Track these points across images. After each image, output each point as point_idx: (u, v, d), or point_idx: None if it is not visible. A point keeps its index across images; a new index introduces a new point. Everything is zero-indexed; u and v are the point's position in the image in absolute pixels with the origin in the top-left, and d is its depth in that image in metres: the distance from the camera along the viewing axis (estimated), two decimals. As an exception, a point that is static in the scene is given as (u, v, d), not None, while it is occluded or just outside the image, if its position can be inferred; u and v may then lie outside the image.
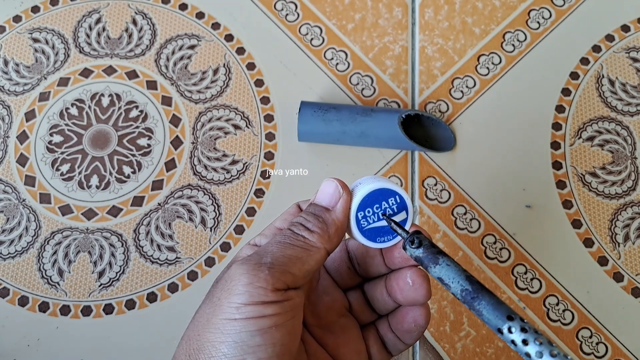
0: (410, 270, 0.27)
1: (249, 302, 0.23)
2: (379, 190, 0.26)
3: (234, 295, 0.23)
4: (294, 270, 0.24)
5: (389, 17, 0.49)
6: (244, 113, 0.46)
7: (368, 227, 0.27)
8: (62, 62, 0.48)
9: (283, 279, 0.24)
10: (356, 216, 0.26)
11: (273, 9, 0.49)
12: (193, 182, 0.45)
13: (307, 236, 0.26)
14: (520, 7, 0.49)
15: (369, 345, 0.29)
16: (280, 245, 0.25)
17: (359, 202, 0.26)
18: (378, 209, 0.27)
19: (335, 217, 0.26)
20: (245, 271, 0.24)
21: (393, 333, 0.29)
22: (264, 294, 0.23)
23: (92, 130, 0.46)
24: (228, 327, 0.23)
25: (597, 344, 0.41)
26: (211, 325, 0.23)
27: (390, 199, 0.27)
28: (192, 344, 0.23)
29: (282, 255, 0.25)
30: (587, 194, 0.44)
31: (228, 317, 0.23)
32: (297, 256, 0.25)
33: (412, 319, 0.28)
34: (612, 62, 0.47)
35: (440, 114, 0.46)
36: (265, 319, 0.23)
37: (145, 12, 0.49)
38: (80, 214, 0.44)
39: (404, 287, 0.27)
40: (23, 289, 0.42)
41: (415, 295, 0.27)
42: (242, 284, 0.23)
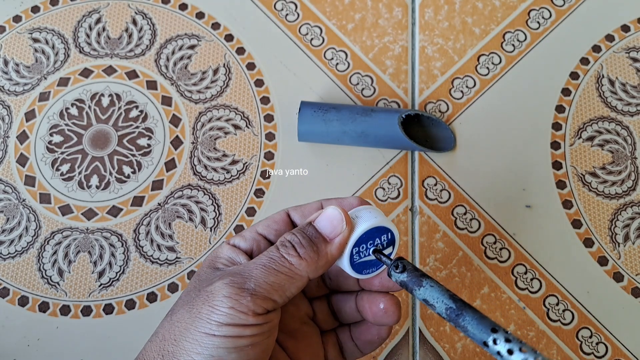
0: (385, 297, 0.28)
1: (229, 323, 0.24)
2: (376, 228, 0.27)
3: (215, 314, 0.24)
4: (275, 297, 0.25)
5: (389, 17, 0.49)
6: (244, 113, 0.46)
7: (359, 262, 0.27)
8: (62, 62, 0.48)
9: (264, 305, 0.25)
10: (351, 252, 0.27)
11: (273, 9, 0.49)
12: (193, 182, 0.45)
13: (295, 263, 0.26)
14: (520, 7, 0.49)
15: (327, 350, 0.31)
16: (265, 270, 0.26)
17: (356, 238, 0.27)
18: (371, 245, 0.27)
19: (330, 251, 0.27)
20: (229, 294, 0.25)
21: (353, 342, 0.31)
22: (244, 318, 0.24)
23: (92, 130, 0.46)
24: (206, 341, 0.24)
25: (597, 344, 0.41)
26: (189, 335, 0.24)
27: (384, 235, 0.28)
28: (167, 346, 0.25)
29: (265, 282, 0.25)
30: (587, 194, 0.44)
31: (207, 332, 0.24)
32: (279, 283, 0.25)
33: (377, 332, 0.30)
34: (612, 62, 0.47)
35: (440, 114, 0.46)
36: (243, 339, 0.24)
37: (145, 12, 0.49)
38: (80, 214, 0.44)
39: (377, 312, 0.28)
40: (23, 289, 0.42)
41: (386, 321, 0.28)
42: (225, 307, 0.24)
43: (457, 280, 0.43)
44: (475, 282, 0.43)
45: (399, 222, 0.44)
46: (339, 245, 0.27)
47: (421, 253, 0.43)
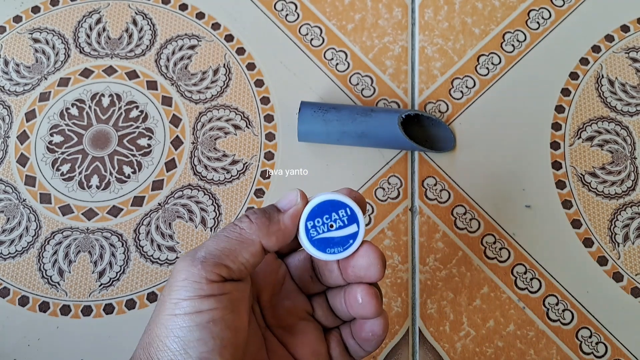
0: (360, 287, 0.28)
1: (185, 298, 0.24)
2: (329, 201, 0.27)
3: (173, 291, 0.24)
4: (227, 262, 0.25)
5: (389, 17, 0.49)
6: (244, 113, 0.46)
7: (317, 237, 0.27)
8: (62, 62, 0.48)
9: (216, 271, 0.25)
10: (305, 225, 0.27)
11: (273, 9, 0.49)
12: (193, 182, 0.45)
13: (245, 227, 0.26)
14: (520, 7, 0.49)
15: (330, 348, 0.30)
16: (216, 238, 0.26)
17: (308, 211, 0.27)
18: (328, 219, 0.27)
19: (282, 220, 0.27)
20: (182, 267, 0.25)
21: (354, 339, 0.30)
22: (198, 287, 0.24)
23: (92, 130, 0.46)
24: (170, 323, 0.24)
25: (597, 344, 0.41)
26: (158, 321, 0.24)
27: (341, 210, 0.27)
28: (145, 337, 0.25)
29: (215, 248, 0.25)
30: (587, 194, 0.44)
31: (170, 313, 0.24)
32: (230, 248, 0.25)
33: (370, 328, 0.29)
34: (612, 62, 0.48)
35: (440, 114, 0.46)
36: (202, 314, 0.24)
37: (146, 13, 0.49)
38: (80, 214, 0.44)
39: (353, 303, 0.28)
40: (23, 288, 0.43)
41: (364, 312, 0.28)
42: (180, 280, 0.24)
43: (456, 280, 0.43)
44: (475, 282, 0.43)
45: (399, 222, 0.44)
46: (291, 214, 0.27)
47: (421, 253, 0.43)
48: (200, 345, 0.23)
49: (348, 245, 0.27)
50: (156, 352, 0.24)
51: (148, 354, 0.24)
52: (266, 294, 0.30)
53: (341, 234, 0.27)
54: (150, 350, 0.24)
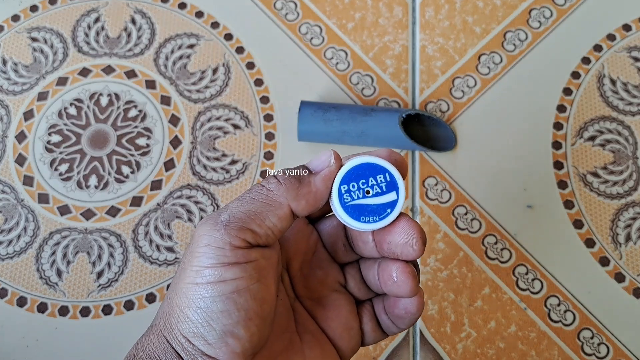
0: (395, 264, 0.25)
1: (208, 265, 0.22)
2: (366, 164, 0.25)
3: (195, 258, 0.22)
4: (252, 226, 0.23)
5: (389, 16, 0.49)
6: (243, 113, 0.46)
7: (351, 203, 0.25)
8: (60, 61, 0.47)
9: (241, 236, 0.22)
10: (339, 189, 0.25)
11: (273, 8, 0.49)
12: (192, 182, 0.45)
13: (273, 188, 0.24)
14: (521, 6, 0.49)
15: (362, 322, 0.28)
16: (240, 200, 0.24)
17: (343, 174, 0.25)
18: (364, 184, 0.25)
19: (314, 180, 0.24)
20: (204, 232, 0.23)
21: (387, 315, 0.28)
22: (222, 254, 0.22)
23: (90, 130, 0.46)
24: (191, 292, 0.22)
25: (599, 345, 0.41)
26: (178, 290, 0.23)
27: (380, 175, 0.25)
28: (165, 306, 0.23)
29: (240, 211, 0.23)
30: (589, 194, 0.44)
31: (191, 282, 0.22)
32: (256, 211, 0.23)
33: (403, 306, 0.26)
34: (614, 61, 0.47)
35: (440, 114, 0.46)
36: (225, 284, 0.22)
37: (144, 11, 0.49)
38: (79, 214, 0.44)
39: (387, 280, 0.25)
40: (21, 289, 0.42)
41: (399, 291, 0.25)
42: (202, 246, 0.22)
43: (458, 281, 0.42)
44: (476, 282, 0.42)
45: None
46: (324, 176, 0.24)
47: (422, 253, 0.43)
48: (224, 317, 0.22)
49: (385, 214, 0.25)
50: (177, 323, 0.22)
51: (168, 324, 0.23)
52: (296, 262, 0.28)
53: (378, 201, 0.24)
54: (170, 321, 0.22)
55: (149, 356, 0.23)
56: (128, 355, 0.24)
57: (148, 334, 0.24)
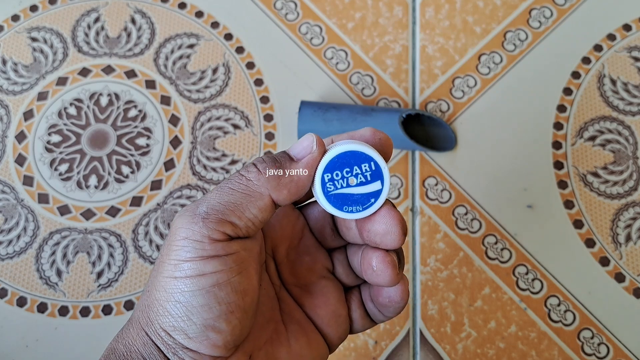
0: (375, 253, 0.24)
1: (186, 259, 0.21)
2: (351, 152, 0.23)
3: (173, 251, 0.22)
4: (232, 218, 0.22)
5: (390, 16, 0.49)
6: (243, 112, 0.46)
7: (334, 192, 0.24)
8: (60, 61, 0.47)
9: (220, 228, 0.22)
10: (322, 178, 0.24)
11: (273, 8, 0.49)
12: (192, 182, 0.45)
13: (253, 178, 0.23)
14: (522, 6, 0.49)
15: (351, 309, 0.28)
16: (219, 190, 0.23)
17: (326, 162, 0.23)
18: (348, 173, 0.24)
19: (296, 168, 0.23)
20: (181, 224, 0.22)
21: (373, 302, 0.27)
22: (200, 248, 0.21)
23: (90, 129, 0.46)
24: (170, 286, 0.22)
25: (599, 345, 0.41)
26: (157, 283, 0.22)
27: (364, 164, 0.24)
28: (144, 299, 0.23)
29: (218, 202, 0.22)
30: (589, 194, 0.44)
31: (169, 275, 0.22)
32: (235, 202, 0.22)
33: (387, 294, 0.26)
34: (614, 61, 0.47)
35: (441, 114, 0.46)
36: (205, 278, 0.21)
37: (144, 11, 0.49)
38: (78, 214, 0.44)
39: (367, 269, 0.25)
40: (21, 289, 0.42)
41: (378, 280, 0.24)
42: (179, 239, 0.22)
43: (458, 281, 0.42)
44: (477, 282, 0.42)
45: (400, 222, 0.44)
46: (306, 164, 0.23)
47: (422, 254, 0.43)
48: (205, 312, 0.21)
49: (369, 204, 0.24)
50: (156, 317, 0.22)
51: (148, 318, 0.22)
52: (282, 249, 0.27)
53: (362, 190, 0.24)
54: (149, 314, 0.22)
55: (129, 349, 0.23)
56: (108, 348, 0.24)
57: (127, 327, 0.23)
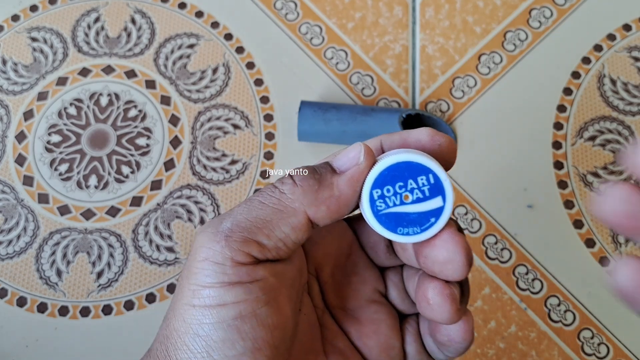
0: (432, 284, 0.20)
1: (206, 285, 0.18)
2: (405, 163, 0.20)
3: (192, 274, 0.19)
4: (259, 237, 0.19)
5: (390, 16, 0.49)
6: (243, 112, 0.46)
7: (386, 211, 0.20)
8: (60, 61, 0.47)
9: (245, 249, 0.19)
10: (370, 194, 0.20)
11: (273, 8, 0.49)
12: (192, 182, 0.45)
13: (286, 191, 0.20)
14: (522, 6, 0.49)
15: (405, 342, 0.23)
16: (248, 204, 0.20)
17: (375, 175, 0.20)
18: (402, 188, 0.20)
19: (337, 182, 0.20)
20: (202, 242, 0.19)
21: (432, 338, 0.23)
22: (221, 272, 0.18)
23: (90, 129, 0.46)
24: (188, 316, 0.19)
25: (599, 345, 0.41)
26: (175, 311, 0.19)
27: (421, 177, 0.20)
28: (163, 328, 0.20)
29: (245, 218, 0.19)
30: (589, 194, 0.44)
31: (188, 302, 0.19)
32: (264, 219, 0.19)
33: (446, 332, 0.21)
34: (614, 61, 0.47)
35: (441, 114, 0.46)
36: (226, 308, 0.18)
37: (144, 11, 0.49)
38: (78, 214, 0.44)
39: (421, 301, 0.20)
40: (21, 289, 0.42)
41: (433, 316, 0.20)
42: (199, 260, 0.19)
43: (457, 281, 0.42)
44: (477, 282, 0.42)
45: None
46: (350, 178, 0.20)
47: (422, 253, 0.43)
48: (227, 348, 0.18)
49: (428, 225, 0.20)
50: (175, 351, 0.19)
51: (166, 352, 0.19)
52: (327, 268, 0.23)
53: (419, 209, 0.20)
54: (168, 347, 0.19)
55: None
56: None
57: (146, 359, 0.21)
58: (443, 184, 0.20)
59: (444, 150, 0.21)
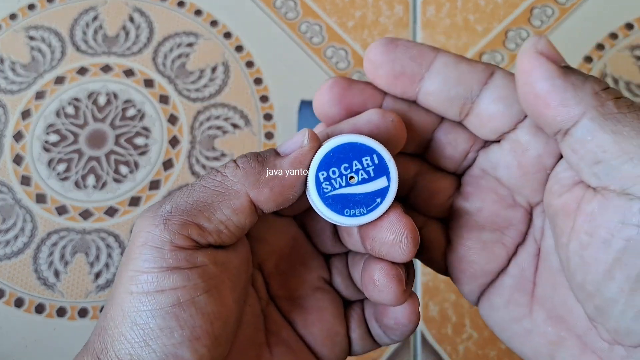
0: (379, 265, 0.20)
1: (144, 270, 0.18)
2: (349, 144, 0.20)
3: (130, 261, 0.18)
4: (199, 219, 0.18)
5: (390, 14, 0.48)
6: (242, 112, 0.46)
7: (332, 193, 0.20)
8: (58, 60, 0.47)
9: (184, 232, 0.18)
10: (316, 176, 0.20)
11: (272, 7, 0.48)
12: (191, 182, 0.44)
13: (229, 174, 0.19)
14: (523, 4, 0.48)
15: (350, 328, 0.23)
16: (189, 188, 0.19)
17: (320, 157, 0.20)
18: (347, 169, 0.20)
19: (281, 163, 0.19)
20: (141, 227, 0.19)
21: (377, 323, 0.23)
22: (160, 256, 0.18)
23: (88, 129, 0.45)
24: (126, 304, 0.18)
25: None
26: (113, 300, 0.18)
27: (366, 158, 0.20)
28: (101, 320, 0.19)
29: (185, 201, 0.19)
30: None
31: (125, 290, 0.18)
32: (205, 201, 0.19)
33: (393, 315, 0.22)
34: (616, 60, 0.47)
35: (441, 113, 0.46)
36: (164, 295, 0.18)
37: (143, 10, 0.48)
38: (77, 214, 0.43)
39: (368, 283, 0.20)
40: (19, 290, 0.42)
41: (380, 298, 0.20)
42: (138, 245, 0.18)
43: (458, 282, 0.42)
44: (477, 283, 0.42)
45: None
46: (293, 159, 0.19)
47: (422, 254, 0.43)
48: (165, 336, 0.18)
49: (374, 205, 0.20)
50: (112, 342, 0.18)
51: (103, 343, 0.18)
52: (271, 259, 0.23)
53: (365, 189, 0.20)
54: (105, 338, 0.18)
55: None
56: None
57: (82, 354, 0.20)
58: (387, 164, 0.20)
59: (397, 127, 0.20)
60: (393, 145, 0.20)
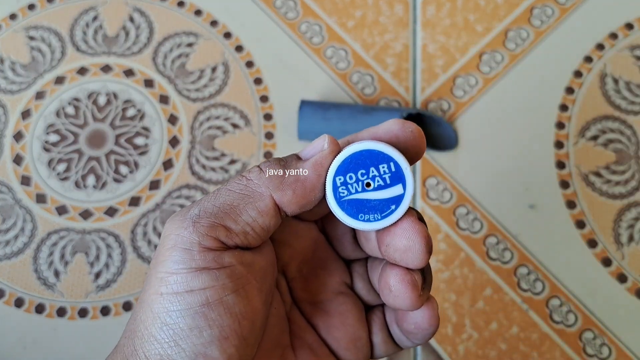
0: (394, 271, 0.20)
1: (173, 271, 0.18)
2: (367, 151, 0.20)
3: (160, 263, 0.19)
4: (226, 221, 0.19)
5: (390, 14, 0.48)
6: (242, 112, 0.46)
7: (348, 198, 0.21)
8: (58, 60, 0.47)
9: (212, 234, 0.19)
10: (334, 181, 0.21)
11: (272, 7, 0.48)
12: (191, 182, 0.44)
13: (253, 178, 0.20)
14: (523, 4, 0.48)
15: (372, 332, 0.24)
16: (215, 193, 0.20)
17: (339, 163, 0.21)
18: (364, 176, 0.21)
19: (302, 167, 0.20)
20: (171, 230, 0.19)
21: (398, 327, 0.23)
22: (189, 257, 0.18)
23: (88, 129, 0.45)
24: (156, 305, 0.18)
25: (601, 346, 0.41)
26: (143, 302, 0.19)
27: (383, 165, 0.20)
28: (131, 322, 0.20)
29: (212, 204, 0.20)
30: (591, 194, 0.44)
31: (155, 292, 0.19)
32: (231, 204, 0.19)
33: (413, 320, 0.22)
34: (616, 60, 0.47)
35: (442, 113, 0.46)
36: (193, 295, 0.18)
37: (143, 10, 0.48)
38: (76, 214, 0.43)
39: (384, 289, 0.21)
40: (19, 290, 0.42)
41: (395, 303, 0.21)
42: (168, 247, 0.19)
43: (459, 282, 0.42)
44: (478, 283, 0.42)
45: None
46: (314, 162, 0.20)
47: (422, 254, 0.43)
48: (194, 336, 0.18)
49: (388, 212, 0.20)
50: (141, 344, 0.18)
51: (132, 346, 0.19)
52: (294, 264, 0.24)
53: (380, 196, 0.20)
54: (134, 341, 0.19)
55: None
56: None
57: (112, 356, 0.20)
58: (404, 172, 0.20)
59: (416, 137, 0.21)
60: (411, 155, 0.21)
